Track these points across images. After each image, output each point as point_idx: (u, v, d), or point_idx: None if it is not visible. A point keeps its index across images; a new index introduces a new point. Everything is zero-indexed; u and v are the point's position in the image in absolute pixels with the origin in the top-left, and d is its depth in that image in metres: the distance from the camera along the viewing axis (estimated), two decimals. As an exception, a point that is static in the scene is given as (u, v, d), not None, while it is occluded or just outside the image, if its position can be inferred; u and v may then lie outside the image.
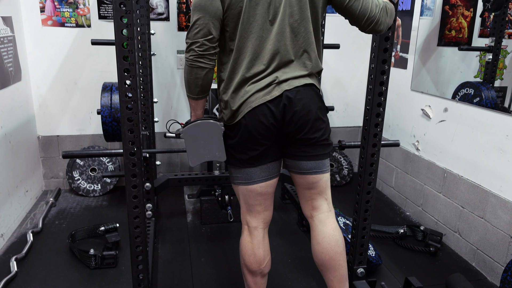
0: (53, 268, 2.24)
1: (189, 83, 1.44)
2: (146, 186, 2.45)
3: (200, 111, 1.52)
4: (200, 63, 1.38)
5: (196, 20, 1.35)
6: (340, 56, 3.38)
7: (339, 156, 3.55)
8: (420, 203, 2.84)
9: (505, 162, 2.11)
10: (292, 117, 1.42)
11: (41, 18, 2.91)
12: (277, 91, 1.40)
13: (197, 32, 1.36)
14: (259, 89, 1.40)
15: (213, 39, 1.38)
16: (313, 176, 1.53)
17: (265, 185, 1.53)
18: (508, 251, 2.10)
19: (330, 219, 1.59)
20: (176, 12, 3.09)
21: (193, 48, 1.37)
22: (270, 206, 1.61)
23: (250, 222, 1.59)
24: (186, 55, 1.39)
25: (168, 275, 2.21)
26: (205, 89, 1.46)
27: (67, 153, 2.16)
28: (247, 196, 1.55)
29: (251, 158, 1.47)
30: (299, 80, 1.43)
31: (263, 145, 1.45)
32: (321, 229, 1.57)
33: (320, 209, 1.59)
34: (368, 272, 2.16)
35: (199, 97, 1.48)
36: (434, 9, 2.68)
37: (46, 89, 3.06)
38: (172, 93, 3.26)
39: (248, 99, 1.41)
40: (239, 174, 1.53)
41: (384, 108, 1.78)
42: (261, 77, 1.41)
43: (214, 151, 1.48)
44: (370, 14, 1.40)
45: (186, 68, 1.41)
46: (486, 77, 2.34)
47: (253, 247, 1.58)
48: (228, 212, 2.65)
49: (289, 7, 1.37)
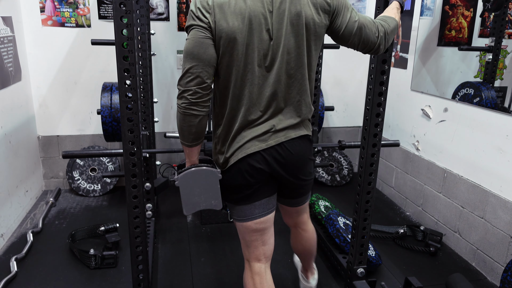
0: (53, 268, 2.24)
1: (183, 131, 1.36)
2: (146, 186, 2.45)
3: (195, 157, 1.45)
4: (193, 110, 1.31)
5: (188, 68, 1.27)
6: (340, 56, 3.38)
7: (339, 156, 3.55)
8: (420, 203, 2.85)
9: (505, 162, 2.11)
10: (286, 168, 1.44)
11: (41, 18, 2.91)
12: (273, 141, 1.39)
13: (189, 80, 1.28)
14: (255, 136, 1.39)
15: (207, 87, 1.30)
16: (301, 206, 1.69)
17: (259, 222, 1.50)
18: (508, 251, 2.10)
19: (309, 225, 1.80)
20: (176, 12, 3.09)
21: (185, 96, 1.29)
22: (269, 241, 1.57)
23: (249, 257, 1.57)
24: (178, 102, 1.31)
25: (168, 275, 2.21)
26: (199, 136, 1.38)
27: (67, 153, 2.16)
28: (243, 232, 1.54)
29: (244, 196, 1.45)
30: (295, 131, 1.43)
31: (255, 185, 1.44)
32: (303, 235, 1.79)
33: (302, 221, 1.77)
34: (368, 272, 2.16)
35: (193, 144, 1.40)
36: (434, 9, 2.68)
37: (46, 89, 3.06)
38: (172, 93, 3.26)
39: (243, 145, 1.39)
40: (234, 211, 1.52)
41: (384, 108, 1.78)
42: (258, 123, 1.39)
43: (210, 199, 1.42)
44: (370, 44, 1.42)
45: (179, 116, 1.34)
46: (486, 77, 2.34)
47: (255, 284, 1.55)
48: (228, 212, 2.65)
49: (287, 54, 1.34)
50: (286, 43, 1.32)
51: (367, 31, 1.39)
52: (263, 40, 1.30)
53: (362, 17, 1.40)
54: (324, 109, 3.11)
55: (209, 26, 1.27)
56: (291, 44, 1.33)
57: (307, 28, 1.33)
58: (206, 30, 1.27)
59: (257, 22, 1.28)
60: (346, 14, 1.37)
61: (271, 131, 1.39)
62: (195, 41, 1.27)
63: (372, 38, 1.40)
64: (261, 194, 1.47)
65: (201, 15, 1.26)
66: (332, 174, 3.48)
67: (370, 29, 1.40)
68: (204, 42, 1.27)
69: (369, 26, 1.40)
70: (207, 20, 1.26)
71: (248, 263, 1.58)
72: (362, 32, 1.39)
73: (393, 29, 1.46)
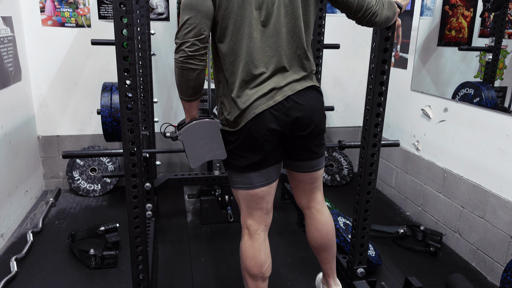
0: (53, 268, 2.24)
1: (181, 85, 1.38)
2: (146, 186, 2.45)
3: (195, 112, 1.47)
4: (190, 64, 1.32)
5: (186, 19, 1.30)
6: (340, 56, 3.38)
7: (339, 156, 3.55)
8: (420, 203, 2.85)
9: (505, 162, 2.12)
10: (298, 122, 1.43)
11: (41, 18, 2.91)
12: (279, 96, 1.39)
13: (187, 31, 1.29)
14: (261, 94, 1.38)
15: (204, 39, 1.31)
16: (315, 172, 1.62)
17: (266, 189, 1.52)
18: (508, 251, 2.10)
19: (325, 207, 1.74)
20: (176, 12, 3.09)
21: (183, 48, 1.31)
22: (271, 209, 1.61)
23: (251, 226, 1.58)
24: (176, 56, 1.33)
25: (168, 275, 2.21)
26: (198, 90, 1.40)
27: (67, 153, 2.16)
28: (248, 200, 1.54)
29: (252, 163, 1.45)
30: (300, 83, 1.43)
31: (265, 151, 1.44)
32: (319, 217, 1.71)
33: (317, 200, 1.71)
34: (368, 272, 2.16)
35: (192, 99, 1.42)
36: (434, 9, 2.68)
37: (46, 89, 3.06)
38: (172, 93, 3.26)
39: (251, 105, 1.38)
40: (239, 179, 1.51)
41: (384, 108, 1.78)
42: (261, 80, 1.39)
43: (215, 150, 1.44)
44: (367, 7, 1.40)
45: (176, 70, 1.35)
46: (486, 77, 2.34)
47: (254, 251, 1.57)
48: (228, 212, 2.65)
49: (283, 6, 1.35)
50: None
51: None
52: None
53: None
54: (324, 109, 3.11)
55: None
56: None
57: None
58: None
59: None
60: None
61: (276, 88, 1.39)
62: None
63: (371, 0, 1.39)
64: (268, 162, 1.47)
65: None
66: (332, 174, 3.48)
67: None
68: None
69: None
70: None
71: (247, 231, 1.59)
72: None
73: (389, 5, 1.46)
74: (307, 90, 1.45)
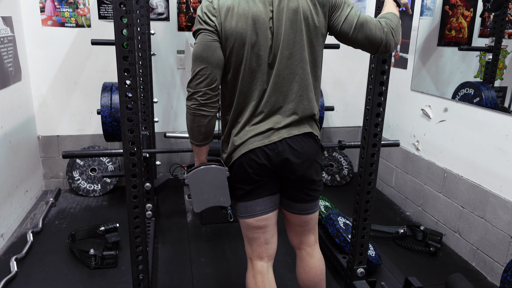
0: (53, 268, 2.24)
1: (192, 131, 1.41)
2: (146, 186, 2.45)
3: (204, 156, 1.50)
4: (202, 111, 1.36)
5: (198, 70, 1.33)
6: (340, 56, 3.38)
7: (339, 156, 3.55)
8: (420, 203, 2.84)
9: (505, 162, 2.11)
10: (289, 166, 1.43)
11: (41, 18, 2.91)
12: (275, 137, 1.40)
13: (199, 82, 1.33)
14: (258, 133, 1.40)
15: (215, 88, 1.35)
16: (306, 216, 1.60)
17: (261, 219, 1.51)
18: (508, 251, 2.10)
19: (317, 250, 1.68)
20: (176, 12, 3.09)
21: (195, 97, 1.34)
22: (272, 239, 1.58)
23: (251, 255, 1.58)
24: (188, 103, 1.37)
25: (168, 275, 2.21)
26: (208, 135, 1.44)
27: (67, 153, 2.16)
28: (245, 229, 1.55)
29: (246, 193, 1.47)
30: (298, 128, 1.43)
31: (258, 182, 1.45)
32: (309, 260, 1.66)
33: (308, 243, 1.67)
34: (368, 272, 2.16)
35: (203, 144, 1.45)
36: (434, 9, 2.68)
37: (46, 89, 3.06)
38: (172, 93, 3.26)
39: (247, 140, 1.41)
40: (237, 207, 1.54)
41: (384, 108, 1.78)
42: (260, 119, 1.40)
43: (219, 196, 1.47)
44: (376, 41, 1.37)
45: (189, 117, 1.39)
46: (486, 77, 2.34)
47: (257, 283, 1.55)
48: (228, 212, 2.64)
49: (287, 49, 1.35)
50: (286, 38, 1.34)
51: (370, 26, 1.36)
52: (267, 38, 1.33)
53: (363, 15, 1.39)
54: (324, 109, 3.11)
55: (216, 29, 1.31)
56: (290, 39, 1.35)
57: (306, 23, 1.35)
58: (213, 33, 1.32)
59: (260, 22, 1.31)
60: (345, 9, 1.38)
61: (273, 128, 1.41)
62: (203, 44, 1.32)
63: (378, 33, 1.36)
64: (264, 191, 1.48)
65: (207, 19, 1.31)
66: (332, 174, 3.48)
67: (374, 24, 1.37)
68: (212, 45, 1.32)
69: (372, 22, 1.37)
70: (213, 23, 1.31)
71: (250, 261, 1.59)
72: (364, 28, 1.36)
73: (396, 24, 1.42)
74: (304, 136, 1.45)
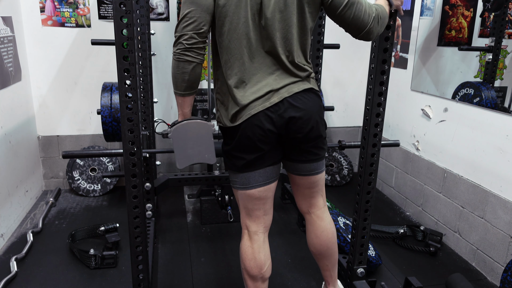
0: (53, 268, 2.24)
1: (176, 78, 1.38)
2: (146, 186, 2.45)
3: (188, 109, 1.46)
4: (187, 56, 1.33)
5: (186, 13, 1.31)
6: (340, 56, 3.38)
7: (339, 156, 3.55)
8: (420, 203, 2.85)
9: (505, 162, 2.12)
10: (294, 124, 1.42)
11: (41, 18, 2.91)
12: (276, 98, 1.39)
13: (186, 25, 1.31)
14: (258, 96, 1.38)
15: (203, 33, 1.32)
16: (315, 176, 1.59)
17: (263, 190, 1.51)
18: (508, 251, 2.10)
19: (326, 213, 1.70)
20: (176, 12, 3.09)
21: (180, 41, 1.32)
22: (270, 210, 1.60)
23: (250, 226, 1.58)
24: (174, 48, 1.34)
25: (168, 275, 2.21)
26: (193, 85, 1.40)
27: (67, 153, 2.16)
28: (245, 200, 1.54)
29: (248, 163, 1.45)
30: (297, 85, 1.42)
31: (261, 150, 1.43)
32: (319, 224, 1.68)
33: (317, 205, 1.68)
34: (368, 272, 2.16)
35: (186, 93, 1.41)
36: (434, 9, 2.68)
37: (46, 89, 3.06)
38: (172, 93, 3.26)
39: (248, 105, 1.39)
40: (237, 179, 1.52)
41: (384, 108, 1.78)
42: (257, 81, 1.39)
43: (204, 153, 1.42)
44: (362, 23, 1.38)
45: (173, 62, 1.36)
46: (486, 77, 2.34)
47: (254, 252, 1.57)
48: (228, 212, 2.65)
49: (278, 12, 1.35)
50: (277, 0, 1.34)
51: (361, 8, 1.37)
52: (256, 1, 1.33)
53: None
54: (324, 109, 3.11)
55: None
56: (281, 3, 1.34)
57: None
58: None
59: None
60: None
61: (273, 90, 1.39)
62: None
63: (365, 17, 1.37)
64: (266, 160, 1.47)
65: None
66: (332, 174, 3.48)
67: (364, 7, 1.38)
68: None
69: (363, 4, 1.38)
70: None
71: (247, 231, 1.59)
72: (354, 7, 1.36)
73: (385, 16, 1.44)
74: (304, 92, 1.44)
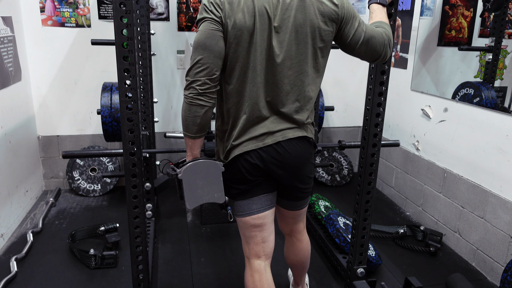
0: (53, 268, 2.24)
1: (187, 122, 1.38)
2: (146, 186, 2.45)
3: (197, 150, 1.46)
4: (200, 101, 1.33)
5: (199, 59, 1.31)
6: (340, 56, 3.36)
7: (339, 156, 3.55)
8: (420, 203, 2.85)
9: (505, 162, 2.12)
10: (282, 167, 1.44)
11: (41, 18, 2.91)
12: (270, 140, 1.41)
13: (199, 71, 1.31)
14: (252, 137, 1.41)
15: (215, 79, 1.33)
16: (299, 211, 1.66)
17: (257, 217, 1.51)
18: (508, 251, 2.10)
19: (305, 235, 1.79)
20: (176, 12, 3.09)
21: (193, 86, 1.32)
22: (269, 238, 1.58)
23: (249, 254, 1.58)
24: (185, 92, 1.34)
25: (168, 275, 2.21)
26: (204, 128, 1.40)
27: (67, 153, 2.16)
28: (243, 228, 1.56)
29: (241, 192, 1.48)
30: (293, 131, 1.44)
31: (252, 182, 1.45)
32: (298, 245, 1.78)
33: (298, 230, 1.75)
34: (368, 272, 2.16)
35: (197, 136, 1.41)
36: (434, 9, 2.68)
37: (46, 89, 3.06)
38: (172, 93, 3.26)
39: (242, 143, 1.41)
40: (233, 206, 1.54)
41: (384, 108, 1.78)
42: (256, 123, 1.41)
43: (213, 192, 1.42)
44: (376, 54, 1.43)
45: (185, 106, 1.36)
46: (486, 77, 2.34)
47: (254, 282, 1.55)
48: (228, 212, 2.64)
49: (289, 59, 1.36)
50: (288, 49, 1.34)
51: (375, 42, 1.40)
52: (266, 40, 1.33)
53: (369, 29, 1.41)
54: (324, 109, 3.11)
55: (221, 20, 1.31)
56: (292, 51, 1.35)
57: (312, 36, 1.35)
58: (218, 23, 1.31)
59: (263, 21, 1.31)
60: (354, 23, 1.39)
61: (268, 133, 1.42)
62: (207, 32, 1.31)
63: (379, 48, 1.42)
64: (259, 190, 1.48)
65: (214, 9, 1.31)
66: (332, 174, 3.48)
67: (377, 39, 1.41)
68: (215, 34, 1.31)
69: (376, 37, 1.41)
70: (219, 14, 1.30)
71: (248, 260, 1.59)
72: (369, 43, 1.40)
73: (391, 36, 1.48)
74: (298, 139, 1.46)
